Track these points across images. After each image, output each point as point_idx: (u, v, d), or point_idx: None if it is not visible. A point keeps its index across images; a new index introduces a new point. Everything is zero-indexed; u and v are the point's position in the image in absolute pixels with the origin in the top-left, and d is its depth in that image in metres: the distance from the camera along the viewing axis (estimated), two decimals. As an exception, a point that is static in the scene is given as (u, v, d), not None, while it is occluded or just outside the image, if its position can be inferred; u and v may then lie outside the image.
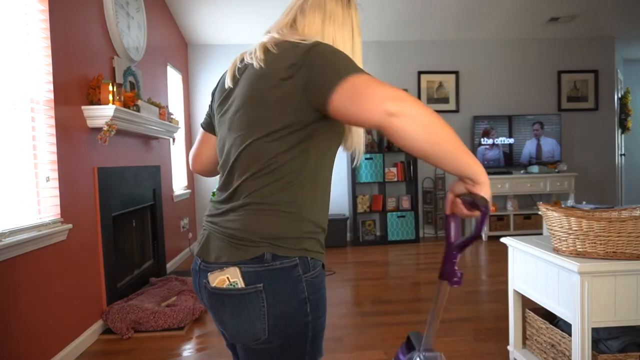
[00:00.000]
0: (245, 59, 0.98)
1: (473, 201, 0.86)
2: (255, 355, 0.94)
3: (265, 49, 0.93)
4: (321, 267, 0.99)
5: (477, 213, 0.87)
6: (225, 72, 1.06)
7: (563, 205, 3.24)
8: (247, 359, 0.96)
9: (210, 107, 1.14)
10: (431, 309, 1.05)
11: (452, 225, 0.98)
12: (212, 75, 5.62)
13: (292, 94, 0.88)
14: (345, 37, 1.02)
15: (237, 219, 0.94)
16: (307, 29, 1.00)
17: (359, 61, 1.02)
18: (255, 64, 0.93)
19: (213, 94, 1.12)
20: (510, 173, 5.56)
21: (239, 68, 1.00)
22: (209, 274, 0.94)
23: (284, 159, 0.91)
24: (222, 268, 0.92)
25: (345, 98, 0.80)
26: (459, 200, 0.91)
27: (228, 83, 1.01)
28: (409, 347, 1.03)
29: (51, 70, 2.41)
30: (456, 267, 1.02)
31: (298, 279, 0.92)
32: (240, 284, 0.91)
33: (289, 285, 0.92)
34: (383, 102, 0.77)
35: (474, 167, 0.84)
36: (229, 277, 0.92)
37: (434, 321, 1.10)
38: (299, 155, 0.92)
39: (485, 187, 0.86)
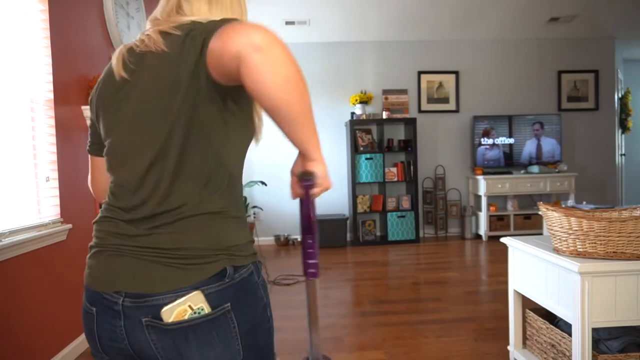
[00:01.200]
0: (136, 50, 0.85)
1: (305, 176, 0.81)
2: None
3: (164, 33, 0.82)
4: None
5: (308, 190, 0.83)
6: (101, 78, 0.93)
7: (563, 205, 3.23)
8: None
9: (93, 120, 0.96)
10: (307, 313, 0.93)
11: (301, 212, 0.91)
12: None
13: (198, 75, 0.78)
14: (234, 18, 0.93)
15: (178, 232, 0.79)
16: (194, 14, 0.89)
17: None
18: (156, 51, 0.81)
19: (91, 101, 0.95)
20: (511, 173, 5.56)
21: (127, 60, 0.86)
22: (162, 310, 0.77)
23: (201, 163, 0.82)
24: (176, 297, 0.77)
25: (218, 39, 0.73)
26: (297, 183, 0.87)
27: (119, 72, 0.85)
28: None
29: (51, 70, 2.41)
30: (312, 259, 0.92)
31: (256, 287, 0.87)
32: (207, 309, 0.79)
33: (250, 296, 0.85)
34: (252, 34, 0.69)
35: (312, 141, 0.82)
36: (191, 305, 0.78)
37: (314, 326, 1.00)
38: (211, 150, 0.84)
39: (319, 164, 0.85)
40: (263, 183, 5.42)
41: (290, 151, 5.72)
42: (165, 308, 0.77)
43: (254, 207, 5.52)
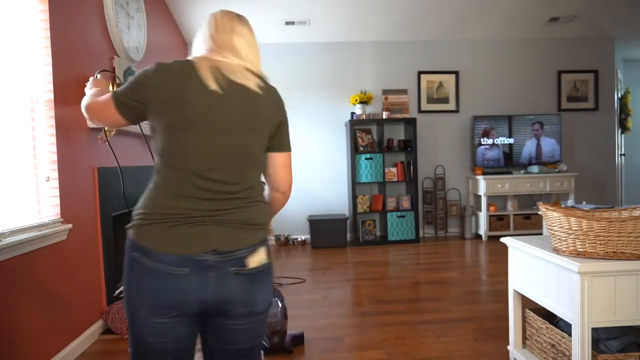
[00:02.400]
0: (225, 74, 1.15)
1: None
2: (262, 319, 1.19)
3: (251, 76, 1.19)
4: None
5: None
6: (178, 66, 1.13)
7: (563, 205, 3.23)
8: (256, 325, 1.19)
9: (148, 105, 1.13)
10: None
11: None
12: (212, 75, 5.61)
13: (275, 122, 1.25)
14: (259, 62, 1.33)
15: (249, 208, 1.16)
16: (241, 54, 1.24)
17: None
18: (250, 87, 1.17)
19: (154, 89, 1.12)
20: (510, 173, 5.56)
21: (221, 76, 1.14)
22: (246, 258, 1.12)
23: (264, 162, 1.27)
24: (255, 249, 1.14)
25: (285, 161, 1.32)
26: None
27: (212, 86, 1.12)
28: None
29: (51, 70, 2.41)
30: None
31: (270, 249, 1.23)
32: (267, 259, 1.17)
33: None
34: (289, 184, 1.36)
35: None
36: (261, 256, 1.15)
37: None
38: (266, 159, 1.28)
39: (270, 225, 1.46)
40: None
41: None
42: (249, 258, 1.13)
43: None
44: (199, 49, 1.25)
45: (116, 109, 1.17)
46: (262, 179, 1.27)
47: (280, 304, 2.46)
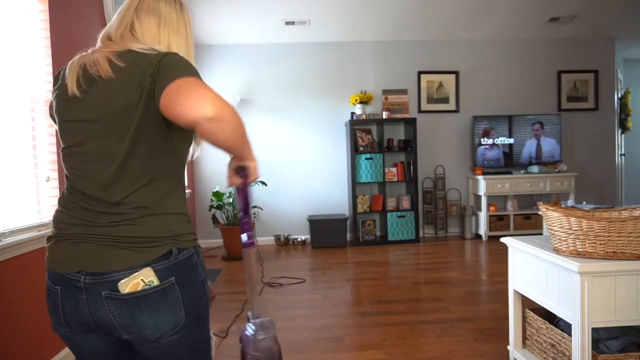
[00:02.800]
0: (88, 69, 0.99)
1: (241, 169, 1.09)
2: (172, 344, 1.01)
3: (110, 61, 0.97)
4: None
5: (244, 180, 1.10)
6: (62, 72, 1.06)
7: (563, 205, 3.23)
8: (168, 351, 1.02)
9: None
10: (246, 279, 1.12)
11: (238, 197, 1.14)
12: (212, 75, 5.62)
13: (145, 96, 0.95)
14: (180, 42, 1.11)
15: (132, 224, 0.98)
16: (145, 35, 1.05)
17: (192, 62, 1.08)
18: (105, 76, 0.96)
19: (55, 88, 1.08)
20: (510, 173, 5.56)
21: (82, 76, 1.00)
22: (119, 283, 0.95)
23: (161, 162, 1.02)
24: (134, 272, 0.96)
25: (173, 93, 0.89)
26: (234, 175, 1.12)
27: (72, 90, 0.99)
28: (247, 320, 1.19)
29: (51, 71, 2.41)
30: (247, 233, 1.14)
31: (195, 265, 1.05)
32: (156, 281, 0.98)
33: (191, 272, 1.04)
34: (204, 105, 0.85)
35: (247, 150, 1.05)
36: (143, 279, 0.97)
37: (252, 289, 1.22)
38: (161, 158, 1.02)
39: (252, 161, 1.09)
40: (263, 183, 5.42)
41: (290, 152, 5.72)
42: (121, 282, 0.96)
43: (254, 207, 5.52)
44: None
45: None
46: (169, 180, 1.04)
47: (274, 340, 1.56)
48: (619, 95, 6.46)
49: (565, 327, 1.97)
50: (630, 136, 7.07)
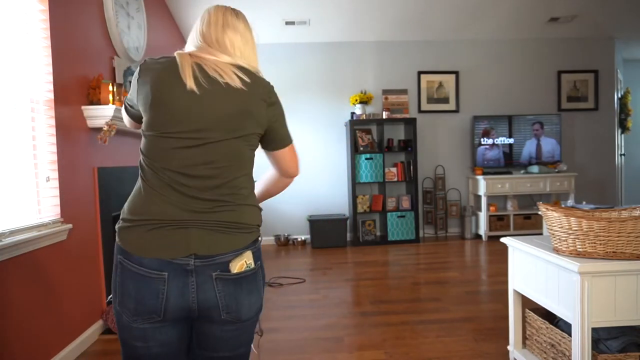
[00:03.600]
0: (208, 72, 1.10)
1: None
2: (247, 327, 1.14)
3: (236, 74, 1.11)
4: None
5: None
6: (157, 63, 1.12)
7: (563, 205, 3.23)
8: (241, 332, 1.14)
9: (140, 105, 1.14)
10: None
11: None
12: (212, 75, 5.62)
13: (263, 119, 1.16)
14: (256, 58, 1.26)
15: (234, 211, 1.10)
16: (236, 50, 1.19)
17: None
18: (233, 84, 1.10)
19: (140, 88, 1.12)
20: (510, 173, 5.56)
21: (201, 76, 1.09)
22: (230, 262, 1.07)
23: (251, 162, 1.20)
24: (239, 254, 1.09)
25: (287, 155, 1.27)
26: None
27: (191, 86, 1.07)
28: None
29: (51, 70, 2.41)
30: None
31: (260, 252, 1.18)
32: (253, 264, 1.11)
33: (261, 259, 1.18)
34: (297, 171, 1.30)
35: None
36: (246, 261, 1.10)
37: None
38: (252, 155, 1.21)
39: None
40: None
41: (290, 151, 5.71)
42: (232, 262, 1.08)
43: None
44: (189, 45, 1.22)
45: (125, 112, 1.28)
46: (252, 178, 1.21)
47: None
48: (619, 96, 6.46)
49: (565, 327, 1.97)
50: (630, 136, 7.07)
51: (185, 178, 1.07)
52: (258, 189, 1.34)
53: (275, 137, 1.22)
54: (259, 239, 1.17)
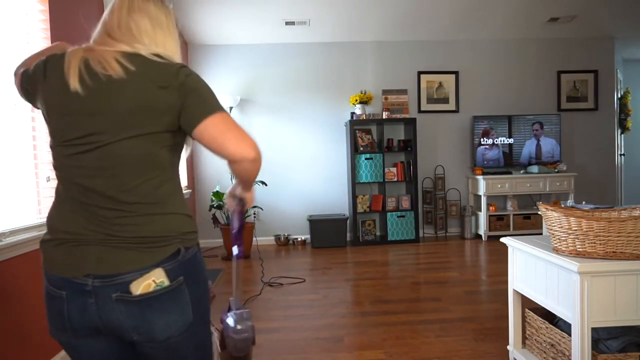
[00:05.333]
0: (93, 66, 0.98)
1: (239, 199, 1.25)
2: (178, 343, 1.01)
3: (120, 62, 0.97)
4: None
5: (241, 208, 1.26)
6: (48, 63, 1.02)
7: (563, 205, 3.23)
8: (173, 351, 1.02)
9: (30, 88, 1.06)
10: (233, 281, 1.33)
11: (233, 218, 1.29)
12: (212, 75, 5.62)
13: (164, 108, 0.97)
14: (173, 44, 1.11)
15: (143, 223, 0.97)
16: (143, 36, 1.05)
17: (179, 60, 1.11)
18: (116, 76, 0.96)
19: (32, 79, 1.04)
20: (510, 173, 5.56)
21: (85, 73, 0.98)
22: (131, 284, 0.95)
23: (169, 162, 1.04)
24: (145, 273, 0.96)
25: (214, 128, 0.98)
26: (233, 201, 1.26)
27: (75, 86, 0.96)
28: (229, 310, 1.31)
29: (51, 70, 2.41)
30: (239, 248, 1.31)
31: (200, 262, 1.07)
32: (167, 282, 0.98)
33: (197, 271, 1.06)
34: (248, 148, 0.98)
35: (249, 187, 1.20)
36: (154, 280, 0.96)
37: (237, 288, 1.33)
38: (169, 154, 1.04)
39: (249, 194, 1.23)
40: (263, 183, 5.42)
41: (290, 152, 5.72)
42: (133, 284, 0.95)
43: (254, 207, 5.52)
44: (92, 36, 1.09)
45: (19, 85, 1.12)
46: (173, 180, 1.06)
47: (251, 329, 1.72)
48: (619, 96, 6.46)
49: (565, 327, 1.97)
50: (630, 136, 7.07)
51: (83, 188, 0.98)
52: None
53: (194, 113, 0.98)
54: (187, 249, 1.02)
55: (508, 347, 2.31)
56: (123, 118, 0.95)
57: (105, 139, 0.96)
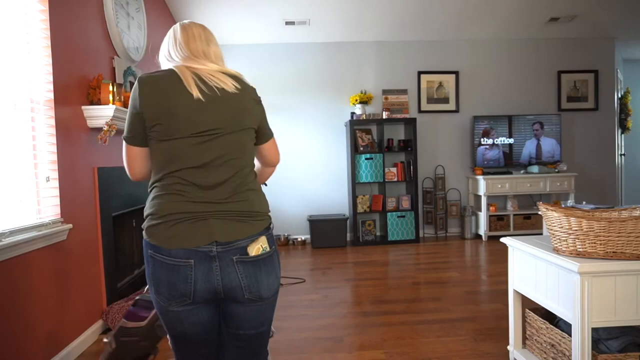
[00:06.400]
0: (206, 80, 1.25)
1: None
2: (268, 305, 1.30)
3: (229, 81, 1.28)
4: None
5: None
6: (159, 78, 1.24)
7: (563, 205, 3.23)
8: (262, 310, 1.29)
9: (142, 116, 1.23)
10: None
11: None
12: (212, 75, 5.61)
13: (256, 115, 1.33)
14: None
15: (245, 202, 1.26)
16: (219, 60, 1.37)
17: None
18: (229, 90, 1.27)
19: (146, 100, 1.22)
20: (510, 173, 5.56)
21: (202, 84, 1.24)
22: (247, 247, 1.22)
23: (253, 154, 1.37)
24: (255, 239, 1.24)
25: (272, 146, 1.44)
26: None
27: (197, 95, 1.22)
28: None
29: (51, 70, 2.41)
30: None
31: (273, 238, 1.33)
32: (268, 248, 1.27)
33: (275, 244, 1.32)
34: (278, 160, 1.49)
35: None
36: (262, 245, 1.25)
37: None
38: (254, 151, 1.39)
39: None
40: (264, 183, 5.41)
41: (290, 152, 5.72)
42: (249, 247, 1.23)
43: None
44: (172, 56, 1.33)
45: (133, 146, 1.28)
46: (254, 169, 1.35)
47: None
48: (619, 96, 6.46)
49: (565, 327, 1.97)
50: (630, 136, 7.07)
51: (201, 172, 1.21)
52: None
53: (264, 132, 1.39)
54: (271, 225, 1.32)
55: (508, 347, 2.31)
56: (236, 118, 1.26)
57: (224, 131, 1.24)
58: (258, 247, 1.23)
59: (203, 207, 1.21)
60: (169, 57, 1.35)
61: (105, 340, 1.77)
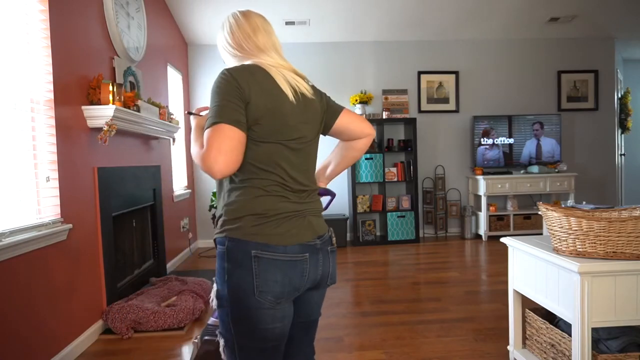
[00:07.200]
0: (291, 83, 1.25)
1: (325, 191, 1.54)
2: (322, 295, 1.39)
3: (304, 84, 1.29)
4: None
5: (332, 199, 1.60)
6: (257, 74, 1.20)
7: (563, 205, 3.23)
8: (324, 295, 1.40)
9: (246, 107, 1.16)
10: None
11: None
12: (212, 75, 5.61)
13: (322, 114, 1.38)
14: None
15: (318, 202, 1.36)
16: (281, 53, 1.36)
17: None
18: (309, 96, 1.29)
19: (255, 95, 1.16)
20: (510, 173, 5.56)
21: (291, 86, 1.25)
22: (332, 238, 1.35)
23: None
24: (331, 235, 1.35)
25: (350, 114, 1.43)
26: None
27: (292, 98, 1.23)
28: None
29: (51, 70, 2.41)
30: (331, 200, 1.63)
31: None
32: (334, 240, 1.38)
33: None
34: (369, 124, 1.45)
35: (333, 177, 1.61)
36: (334, 240, 1.37)
37: None
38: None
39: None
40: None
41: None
42: (333, 239, 1.36)
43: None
44: (244, 49, 1.27)
45: (243, 132, 1.15)
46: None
47: None
48: (619, 95, 6.46)
49: (565, 327, 1.97)
50: (630, 136, 7.07)
51: (294, 173, 1.25)
52: (329, 169, 1.54)
53: (333, 109, 1.38)
54: None
55: (508, 347, 2.31)
56: (315, 125, 1.33)
57: (308, 139, 1.30)
58: (334, 241, 1.37)
59: (300, 207, 1.26)
60: (239, 49, 1.27)
61: (194, 340, 1.79)
